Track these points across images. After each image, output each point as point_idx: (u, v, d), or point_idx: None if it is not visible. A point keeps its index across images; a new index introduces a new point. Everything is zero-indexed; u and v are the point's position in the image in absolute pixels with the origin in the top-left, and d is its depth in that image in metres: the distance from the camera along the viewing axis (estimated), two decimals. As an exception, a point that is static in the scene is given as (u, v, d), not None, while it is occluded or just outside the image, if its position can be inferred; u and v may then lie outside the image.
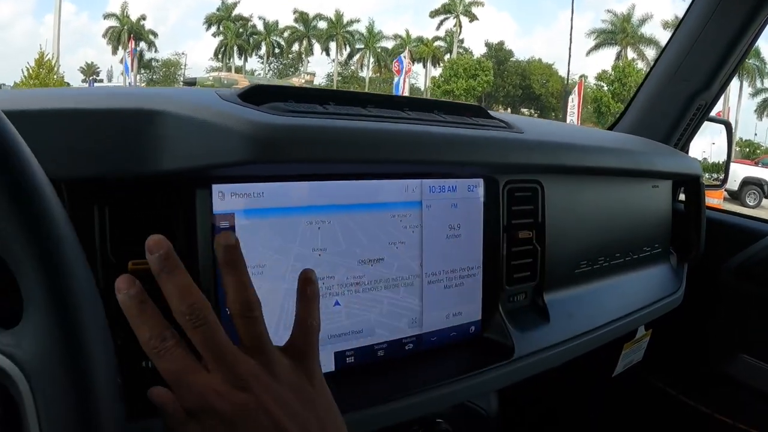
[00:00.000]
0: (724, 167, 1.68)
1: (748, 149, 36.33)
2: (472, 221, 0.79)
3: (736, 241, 1.39)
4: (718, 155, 1.65)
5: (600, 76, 35.22)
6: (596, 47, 40.69)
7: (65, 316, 0.34)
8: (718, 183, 1.70)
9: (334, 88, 27.11)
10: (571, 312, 0.89)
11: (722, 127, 1.54)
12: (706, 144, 1.76)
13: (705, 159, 1.70)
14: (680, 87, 1.35)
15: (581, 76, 37.24)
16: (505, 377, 0.77)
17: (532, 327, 0.83)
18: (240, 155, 0.54)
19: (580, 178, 0.94)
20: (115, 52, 49.07)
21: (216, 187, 0.58)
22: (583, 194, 0.96)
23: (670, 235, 1.24)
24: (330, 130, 0.60)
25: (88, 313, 0.35)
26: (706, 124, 1.48)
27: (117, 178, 0.54)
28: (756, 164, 19.10)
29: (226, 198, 0.59)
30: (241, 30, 51.03)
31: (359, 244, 0.69)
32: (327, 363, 0.68)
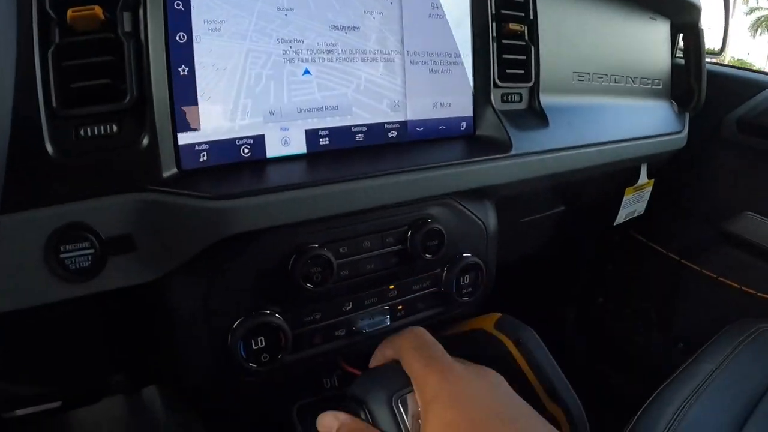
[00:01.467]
0: (723, 34, 1.62)
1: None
2: (456, 3, 0.70)
3: (738, 94, 1.31)
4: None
5: None
6: None
7: None
8: (716, 51, 1.65)
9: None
10: (570, 121, 0.81)
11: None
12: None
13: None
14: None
15: None
16: (502, 171, 0.69)
17: (529, 128, 0.75)
18: None
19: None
20: None
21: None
22: (577, 7, 0.87)
23: (669, 80, 1.16)
24: None
25: None
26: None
27: None
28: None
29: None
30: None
31: (331, 8, 0.60)
32: (298, 143, 0.60)
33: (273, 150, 0.58)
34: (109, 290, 0.49)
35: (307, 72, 0.59)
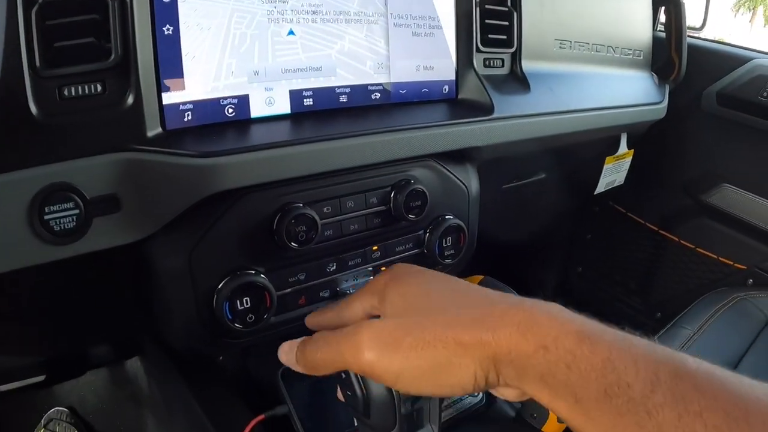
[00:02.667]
0: (704, 11, 1.64)
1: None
2: (439, -34, 0.70)
3: (719, 68, 1.33)
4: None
5: None
6: None
7: None
8: (697, 27, 1.66)
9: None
10: (551, 87, 0.82)
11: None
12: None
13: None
14: None
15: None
16: (485, 134, 0.70)
17: (511, 93, 0.76)
18: None
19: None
20: None
21: None
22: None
23: (650, 52, 1.17)
24: None
25: None
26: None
27: None
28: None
29: None
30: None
31: (312, -29, 0.60)
32: (282, 103, 0.60)
33: (257, 110, 0.59)
34: (94, 252, 0.49)
35: (291, 33, 0.59)
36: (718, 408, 0.27)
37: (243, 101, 0.57)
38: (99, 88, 0.49)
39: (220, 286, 0.56)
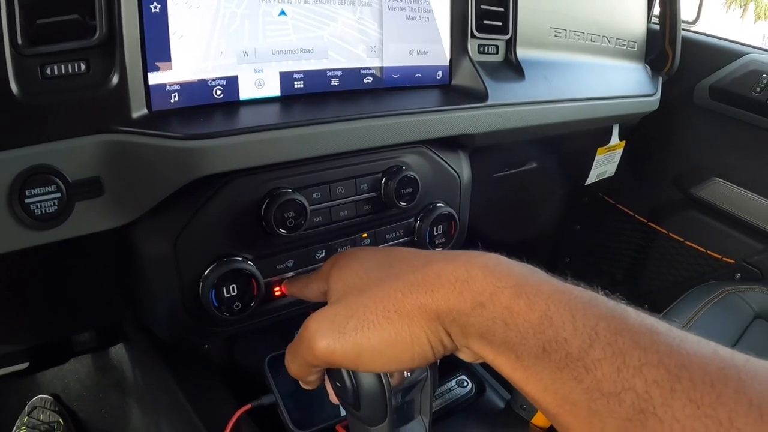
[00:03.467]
0: (698, 5, 1.64)
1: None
2: (435, -50, 0.68)
3: (712, 61, 1.33)
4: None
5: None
6: None
7: None
8: (691, 21, 1.66)
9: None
10: (546, 76, 0.80)
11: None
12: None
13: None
14: None
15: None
16: (478, 121, 0.69)
17: (505, 80, 0.75)
18: None
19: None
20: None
21: None
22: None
23: (644, 44, 1.16)
24: None
25: None
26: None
27: None
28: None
29: None
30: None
31: (304, -50, 0.58)
32: (272, 85, 0.58)
33: (246, 92, 0.57)
34: (76, 237, 0.48)
35: (282, 13, 0.57)
36: (658, 362, 0.26)
37: (232, 83, 0.56)
38: (83, 67, 0.47)
39: (206, 273, 0.55)
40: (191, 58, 0.53)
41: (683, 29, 1.24)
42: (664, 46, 1.22)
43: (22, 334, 0.81)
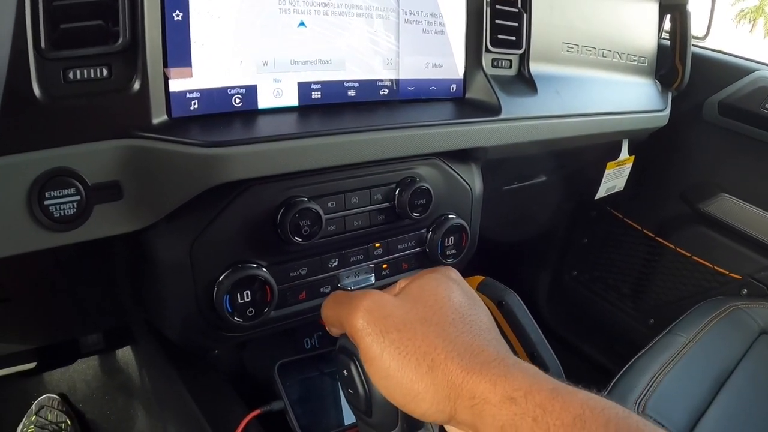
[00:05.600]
0: (708, 20, 1.64)
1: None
2: (452, -35, 0.69)
3: (721, 78, 1.33)
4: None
5: None
6: None
7: None
8: (701, 37, 1.66)
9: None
10: (558, 90, 0.81)
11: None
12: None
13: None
14: None
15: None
16: (491, 134, 0.70)
17: (518, 94, 0.76)
18: None
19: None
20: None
21: None
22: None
23: (654, 59, 1.17)
24: None
25: None
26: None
27: None
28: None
29: None
30: None
31: (325, -37, 0.59)
32: (290, 95, 0.59)
33: (265, 101, 0.58)
34: (93, 240, 0.48)
35: (302, 24, 0.58)
36: None
37: (251, 91, 0.57)
38: (105, 72, 0.48)
39: (221, 279, 0.56)
40: (212, 66, 0.54)
41: (693, 45, 1.25)
42: (674, 62, 1.22)
43: (33, 333, 0.82)
